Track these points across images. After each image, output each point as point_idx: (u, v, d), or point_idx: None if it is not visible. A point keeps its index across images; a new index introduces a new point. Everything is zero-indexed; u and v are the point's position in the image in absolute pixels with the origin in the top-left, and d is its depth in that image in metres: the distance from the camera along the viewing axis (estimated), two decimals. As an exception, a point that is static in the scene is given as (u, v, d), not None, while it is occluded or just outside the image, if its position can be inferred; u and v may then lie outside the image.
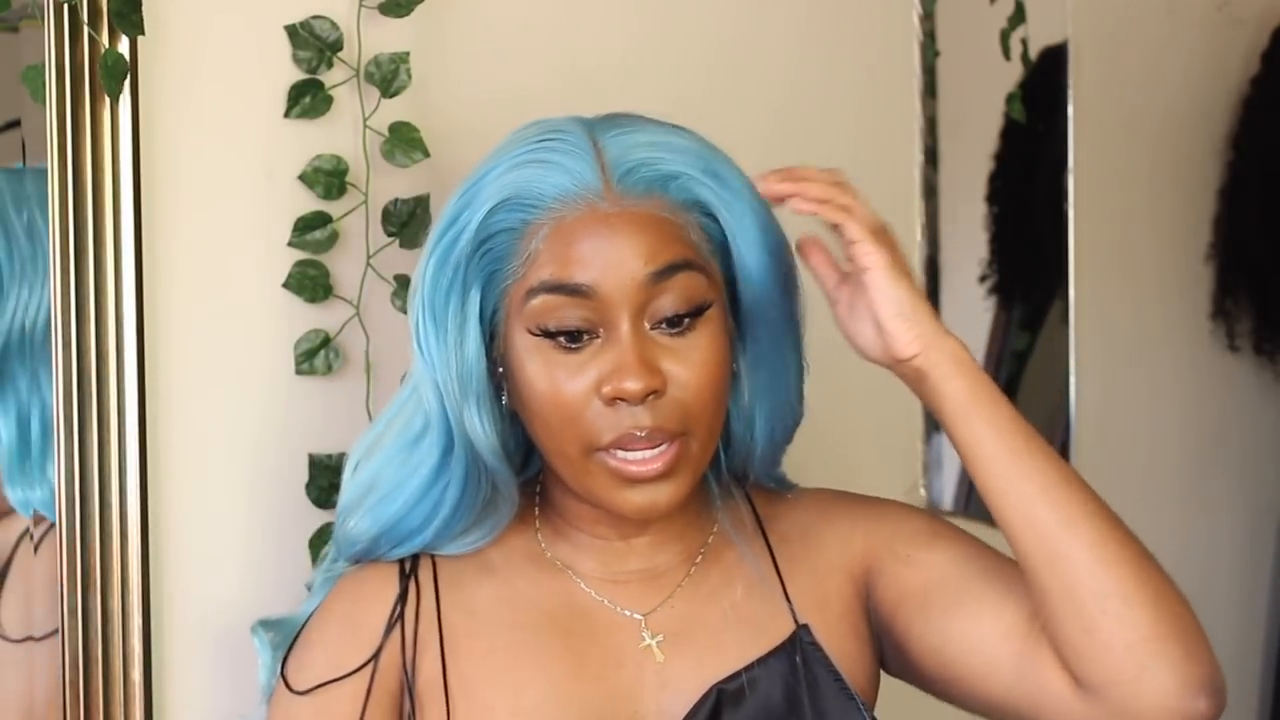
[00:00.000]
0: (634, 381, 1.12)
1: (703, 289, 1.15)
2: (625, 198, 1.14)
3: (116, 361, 1.39)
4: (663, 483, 1.15)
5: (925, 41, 1.99)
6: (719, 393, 1.17)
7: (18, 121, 1.39)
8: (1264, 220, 2.47)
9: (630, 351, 1.12)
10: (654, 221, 1.14)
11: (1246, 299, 2.50)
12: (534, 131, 1.18)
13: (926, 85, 2.00)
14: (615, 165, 1.14)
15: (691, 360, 1.14)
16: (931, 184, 2.04)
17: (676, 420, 1.14)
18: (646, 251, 1.13)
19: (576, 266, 1.13)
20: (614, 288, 1.13)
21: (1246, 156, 2.49)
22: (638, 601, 1.23)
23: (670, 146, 1.16)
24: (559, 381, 1.14)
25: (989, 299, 2.22)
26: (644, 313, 1.14)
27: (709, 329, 1.16)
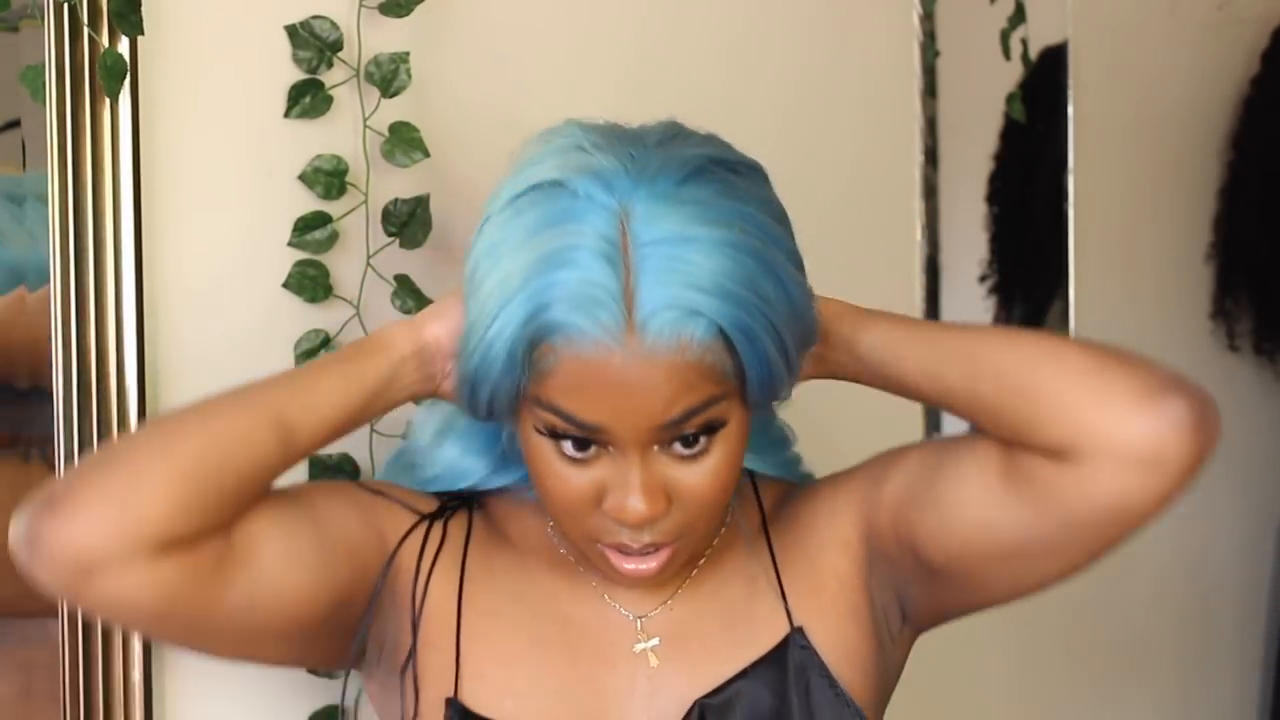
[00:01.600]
0: (636, 510, 1.09)
1: (719, 411, 1.10)
2: (647, 343, 1.05)
3: (116, 361, 1.39)
4: (653, 570, 1.15)
5: (925, 41, 1.99)
6: (725, 499, 1.15)
7: (18, 122, 1.39)
8: (1264, 220, 2.48)
9: (636, 477, 1.09)
10: (678, 370, 1.06)
11: (1246, 299, 2.51)
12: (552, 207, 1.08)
13: (926, 85, 2.00)
14: (642, 302, 1.04)
15: (701, 476, 1.11)
16: (931, 184, 2.04)
17: (674, 534, 1.13)
18: (665, 401, 1.07)
19: (588, 408, 1.07)
20: (628, 429, 1.08)
21: (1246, 156, 2.49)
22: (637, 603, 1.22)
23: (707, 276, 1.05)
24: (565, 480, 1.12)
25: (989, 299, 2.22)
26: (656, 440, 1.10)
27: (725, 443, 1.12)
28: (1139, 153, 2.37)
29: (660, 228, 1.06)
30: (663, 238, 1.06)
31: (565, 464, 1.11)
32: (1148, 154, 2.39)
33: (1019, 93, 2.13)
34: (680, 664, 1.20)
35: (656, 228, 1.06)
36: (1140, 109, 2.35)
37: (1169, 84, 2.41)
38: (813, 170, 1.86)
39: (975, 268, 2.19)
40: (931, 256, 2.05)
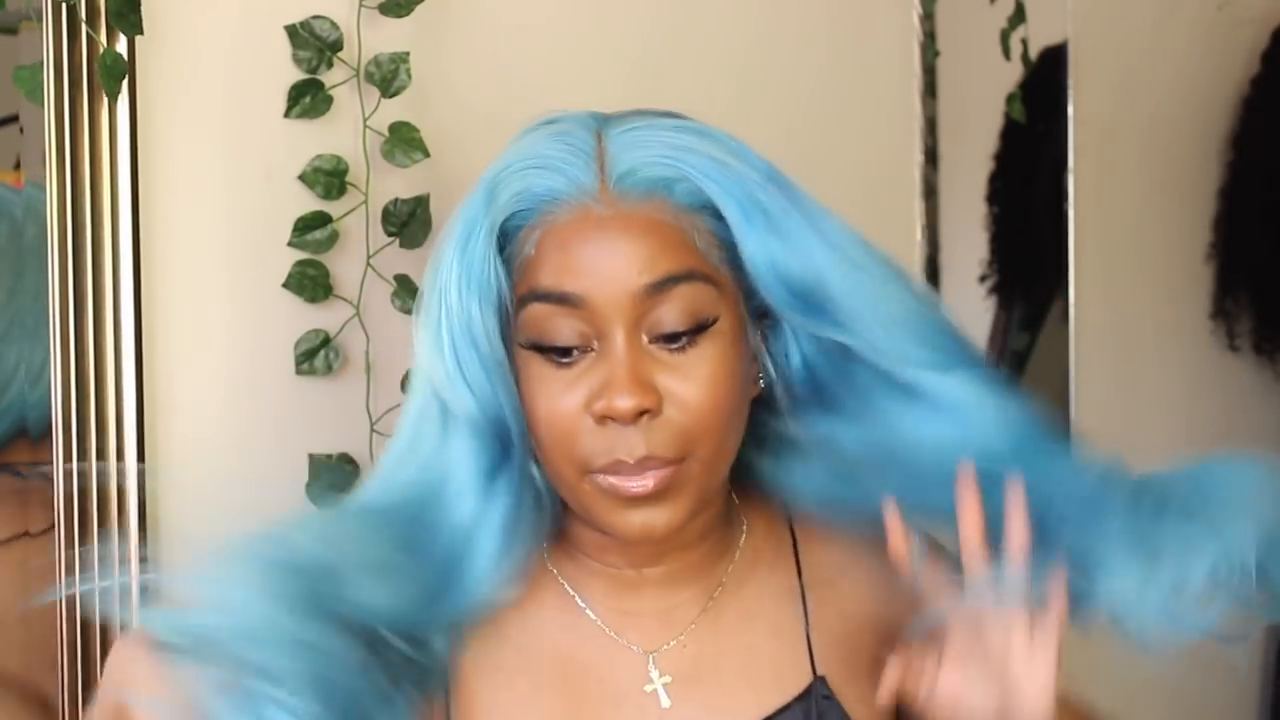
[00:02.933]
0: (624, 399, 1.02)
1: (708, 302, 1.05)
2: (622, 200, 1.04)
3: (115, 364, 1.39)
4: (660, 505, 1.05)
5: (925, 41, 1.99)
6: (725, 413, 1.06)
7: (16, 118, 1.39)
8: (1264, 220, 2.48)
9: (622, 366, 1.03)
10: (653, 226, 1.04)
11: (1246, 299, 2.50)
12: (540, 132, 1.09)
13: (926, 85, 2.00)
14: (614, 165, 1.05)
15: (692, 378, 1.04)
16: (931, 184, 2.04)
17: (672, 446, 1.04)
18: (643, 260, 1.03)
19: (566, 274, 1.04)
20: (606, 299, 1.03)
21: (1246, 156, 2.49)
22: (646, 638, 1.13)
23: (680, 145, 1.06)
24: (551, 399, 1.05)
25: (989, 299, 2.22)
26: (641, 325, 1.04)
27: (716, 344, 1.05)
28: (1139, 153, 2.37)
29: (635, 136, 1.07)
30: (635, 125, 1.07)
31: (553, 378, 1.05)
32: (1148, 154, 2.39)
33: (1019, 93, 2.13)
34: (694, 705, 1.12)
35: (631, 136, 1.07)
36: (1140, 109, 2.35)
37: (1169, 84, 2.41)
38: (812, 170, 1.85)
39: (975, 268, 2.19)
40: (931, 256, 2.05)
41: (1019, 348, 2.30)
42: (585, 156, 1.06)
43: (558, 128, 1.09)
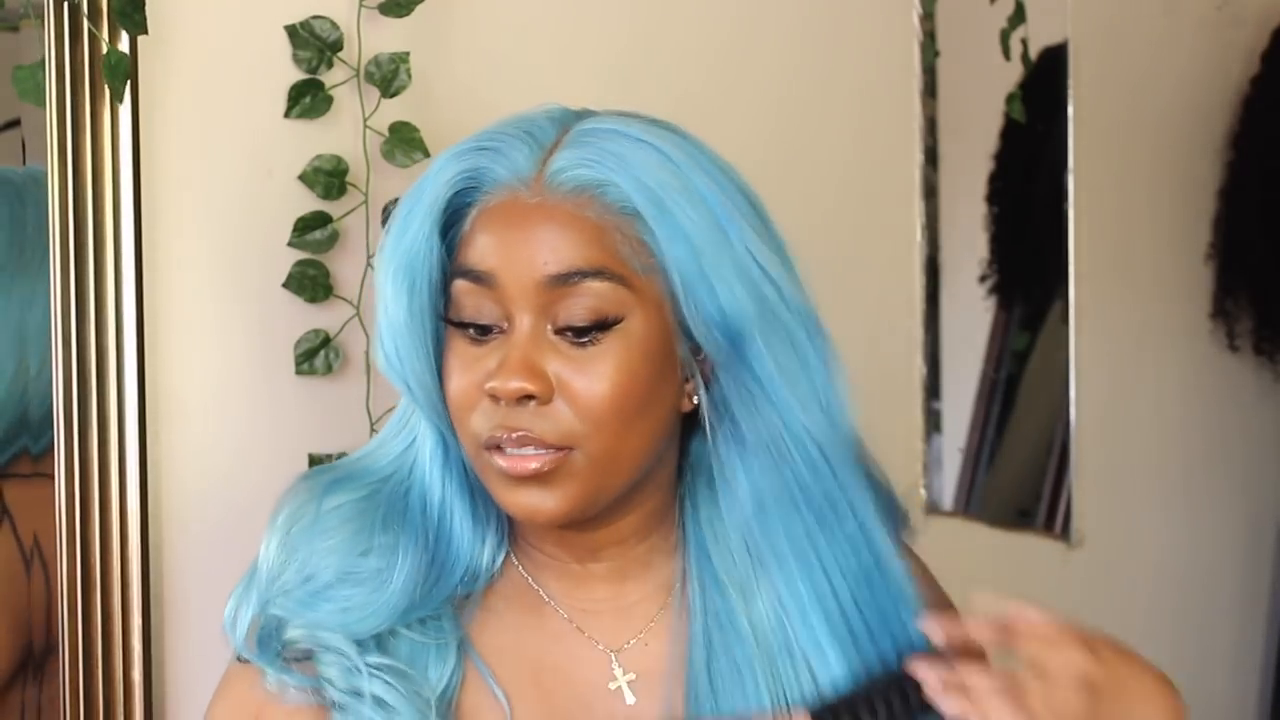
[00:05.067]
0: (511, 381, 1.04)
1: (616, 302, 1.05)
2: (550, 191, 1.06)
3: (116, 361, 1.39)
4: (544, 489, 1.06)
5: (925, 41, 1.99)
6: (620, 413, 1.05)
7: (18, 121, 1.39)
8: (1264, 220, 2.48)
9: (517, 349, 1.05)
10: (573, 221, 1.05)
11: (1246, 299, 2.50)
12: (514, 116, 1.11)
13: (926, 85, 2.00)
14: (555, 159, 1.06)
15: (589, 372, 1.05)
16: (931, 184, 2.04)
17: (556, 434, 1.05)
18: (554, 251, 1.05)
19: (487, 254, 1.06)
20: (513, 281, 1.05)
21: (1246, 156, 2.49)
22: (609, 635, 1.14)
23: (626, 154, 1.06)
24: (460, 373, 1.07)
25: (989, 299, 2.22)
26: (546, 314, 1.05)
27: (621, 344, 1.05)
28: (1139, 153, 2.37)
29: (592, 135, 1.08)
30: (601, 125, 1.08)
31: (466, 354, 1.07)
32: (1147, 154, 2.39)
33: (1019, 93, 2.13)
34: (658, 702, 1.12)
35: (589, 134, 1.08)
36: (1140, 109, 2.35)
37: (1169, 84, 2.41)
38: (813, 170, 1.86)
39: (975, 268, 2.19)
40: (931, 256, 2.05)
41: (1019, 348, 2.30)
42: (536, 146, 1.08)
43: (532, 115, 1.11)
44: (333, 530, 1.11)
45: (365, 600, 1.09)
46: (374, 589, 1.09)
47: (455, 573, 1.12)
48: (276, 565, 1.11)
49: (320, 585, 1.09)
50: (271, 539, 1.12)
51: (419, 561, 1.11)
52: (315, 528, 1.11)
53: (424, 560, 1.11)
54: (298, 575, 1.10)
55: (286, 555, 1.11)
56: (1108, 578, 2.32)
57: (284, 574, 1.10)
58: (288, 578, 1.10)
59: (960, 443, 2.16)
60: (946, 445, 2.12)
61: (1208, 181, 2.49)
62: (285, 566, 1.10)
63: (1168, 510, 2.42)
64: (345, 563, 1.10)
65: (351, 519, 1.11)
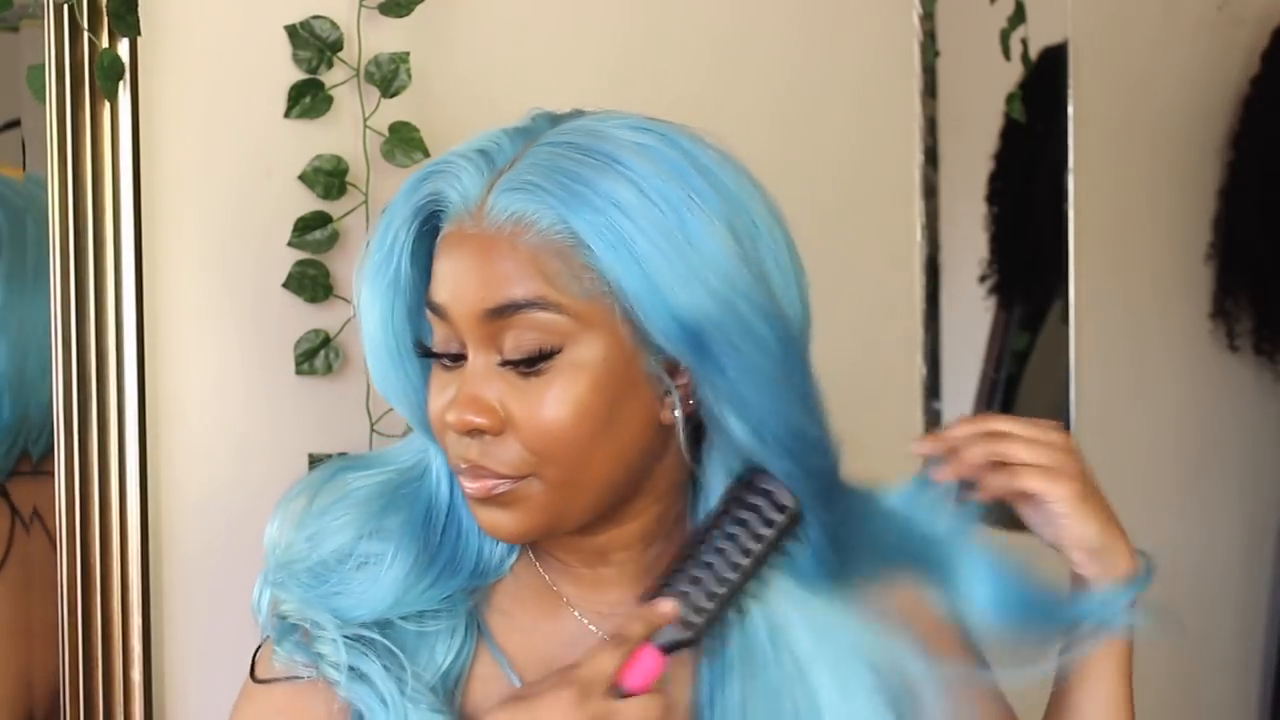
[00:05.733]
0: (455, 415, 1.05)
1: (556, 332, 1.03)
2: (488, 220, 1.04)
3: (116, 361, 1.39)
4: (503, 510, 1.07)
5: (925, 41, 1.99)
6: (573, 439, 1.05)
7: (18, 121, 1.39)
8: (1264, 220, 2.48)
9: (466, 384, 1.05)
10: (508, 252, 1.03)
11: (1246, 299, 2.50)
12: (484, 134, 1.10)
13: (926, 85, 2.00)
14: (501, 184, 1.04)
15: (535, 403, 1.04)
16: (931, 184, 2.04)
17: (508, 464, 1.05)
18: (488, 284, 1.03)
19: (438, 283, 1.06)
20: (460, 316, 1.05)
21: (1246, 156, 2.49)
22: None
23: (571, 175, 1.03)
24: (434, 397, 1.08)
25: (989, 299, 2.22)
26: (493, 345, 1.05)
27: (569, 373, 1.04)
28: (1139, 153, 2.37)
29: (563, 135, 1.06)
30: (554, 143, 1.05)
31: (439, 379, 1.08)
32: (1147, 154, 2.39)
33: (1019, 93, 2.13)
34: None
35: (541, 153, 1.05)
36: (1140, 109, 2.35)
37: (1169, 84, 2.41)
38: (812, 170, 1.86)
39: (975, 268, 2.19)
40: (931, 256, 2.05)
41: (1019, 348, 2.30)
42: (488, 170, 1.05)
43: (497, 135, 1.08)
44: (345, 514, 1.13)
45: (370, 586, 1.10)
46: (380, 574, 1.10)
47: (461, 571, 1.13)
48: (289, 546, 1.12)
49: (326, 569, 1.11)
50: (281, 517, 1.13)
51: (429, 546, 1.12)
52: (327, 511, 1.13)
53: (432, 545, 1.12)
54: (307, 560, 1.11)
55: (297, 534, 1.12)
56: (1108, 578, 2.32)
57: (290, 549, 1.12)
58: (293, 553, 1.12)
59: (960, 443, 2.16)
60: (946, 445, 2.11)
61: (1208, 181, 2.49)
62: (293, 541, 1.12)
63: (1167, 510, 2.42)
64: (355, 547, 1.11)
65: (363, 502, 1.13)
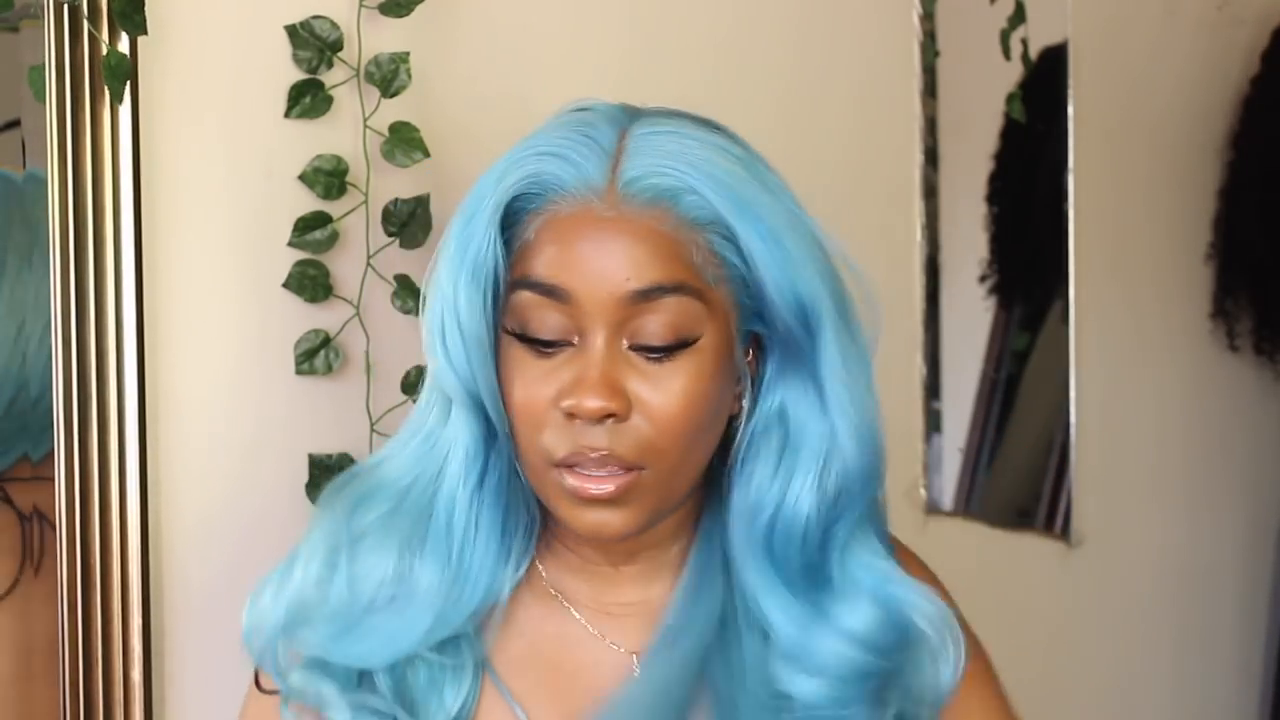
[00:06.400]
0: (592, 400, 1.02)
1: (695, 318, 1.05)
2: (626, 203, 1.04)
3: (116, 361, 1.39)
4: (614, 508, 1.05)
5: (925, 41, 1.99)
6: (692, 429, 1.06)
7: (18, 121, 1.39)
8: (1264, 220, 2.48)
9: (595, 367, 1.03)
10: (651, 235, 1.03)
11: (1246, 299, 2.51)
12: (567, 119, 1.09)
13: (926, 85, 2.00)
14: (627, 166, 1.04)
15: (665, 389, 1.04)
16: (931, 184, 2.04)
17: (635, 451, 1.04)
18: (634, 266, 1.03)
19: (558, 267, 1.04)
20: (592, 297, 1.03)
21: (1246, 156, 2.49)
22: (630, 637, 1.13)
23: (696, 158, 1.05)
24: (527, 386, 1.05)
25: (989, 299, 2.22)
26: (623, 330, 1.04)
27: (697, 360, 1.05)
28: (1139, 153, 2.37)
29: (656, 141, 1.06)
30: (661, 129, 1.07)
31: (532, 365, 1.05)
32: (1147, 154, 2.39)
33: (1019, 93, 2.13)
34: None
35: (653, 140, 1.06)
36: (1140, 109, 2.35)
37: (1169, 84, 2.41)
38: (812, 170, 1.85)
39: (975, 268, 2.19)
40: (931, 256, 2.05)
41: (1019, 348, 2.30)
42: (601, 153, 1.05)
43: (585, 117, 1.08)
44: (358, 558, 1.10)
45: (386, 628, 1.09)
46: (395, 614, 1.09)
47: (479, 588, 1.11)
48: (307, 597, 1.10)
49: (344, 618, 1.09)
50: (309, 566, 1.10)
51: (440, 581, 1.09)
52: (341, 557, 1.10)
53: (446, 578, 1.10)
54: (325, 610, 1.09)
55: (318, 588, 1.10)
56: (1107, 578, 2.32)
57: (312, 607, 1.10)
58: (316, 612, 1.09)
59: (960, 443, 2.16)
60: (946, 445, 2.12)
61: (1208, 181, 2.49)
62: (315, 601, 1.10)
63: (1168, 510, 2.42)
64: (368, 592, 1.09)
65: (376, 545, 1.10)
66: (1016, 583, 2.19)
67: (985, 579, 1.39)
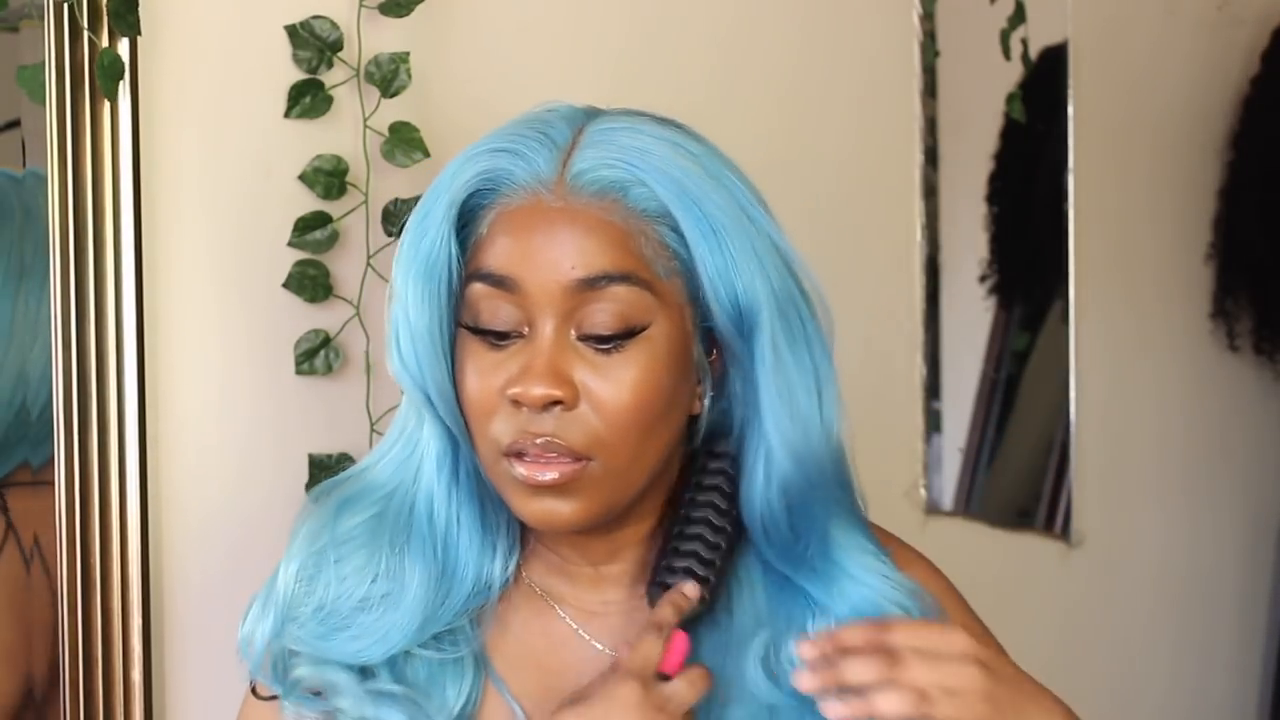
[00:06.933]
0: (537, 387, 1.03)
1: (643, 309, 1.05)
2: (574, 195, 1.05)
3: (116, 361, 1.39)
4: (562, 498, 1.05)
5: (925, 41, 1.99)
6: (643, 422, 1.05)
7: (18, 121, 1.39)
8: (1264, 220, 2.48)
9: (542, 355, 1.04)
10: (599, 225, 1.04)
11: (1246, 299, 2.51)
12: (527, 116, 1.11)
13: (926, 85, 2.00)
14: (577, 159, 1.05)
15: (614, 380, 1.04)
16: (931, 184, 2.04)
17: (582, 441, 1.04)
18: (580, 255, 1.04)
19: (507, 258, 1.05)
20: (539, 287, 1.04)
21: (1246, 156, 2.49)
22: (615, 636, 1.13)
23: (648, 152, 1.06)
24: (478, 377, 1.06)
25: (989, 299, 2.22)
26: (571, 319, 1.04)
27: (645, 351, 1.05)
28: (1139, 153, 2.37)
29: (610, 136, 1.07)
30: (616, 125, 1.08)
31: (484, 357, 1.06)
32: (1147, 154, 2.39)
33: (1019, 93, 2.13)
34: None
35: (607, 135, 1.07)
36: (1140, 109, 2.35)
37: (1169, 84, 2.41)
38: (812, 170, 1.86)
39: (975, 268, 2.19)
40: (931, 256, 2.05)
41: (1019, 348, 2.30)
42: (554, 147, 1.07)
43: (544, 115, 1.10)
44: (345, 558, 1.11)
45: (377, 625, 1.09)
46: (386, 611, 1.09)
47: (466, 582, 1.11)
48: (293, 595, 1.11)
49: (334, 615, 1.10)
50: (290, 565, 1.11)
51: (428, 576, 1.10)
52: (328, 556, 1.11)
53: (434, 574, 1.10)
54: (312, 607, 1.10)
55: (302, 585, 1.11)
56: (1108, 578, 2.32)
57: (300, 605, 1.10)
58: (303, 609, 1.10)
59: (960, 443, 2.16)
60: (946, 445, 2.12)
61: (1208, 181, 2.49)
62: (301, 597, 1.10)
63: (1168, 510, 2.42)
64: (358, 590, 1.10)
65: (363, 544, 1.11)
66: (1016, 583, 2.19)
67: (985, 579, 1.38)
